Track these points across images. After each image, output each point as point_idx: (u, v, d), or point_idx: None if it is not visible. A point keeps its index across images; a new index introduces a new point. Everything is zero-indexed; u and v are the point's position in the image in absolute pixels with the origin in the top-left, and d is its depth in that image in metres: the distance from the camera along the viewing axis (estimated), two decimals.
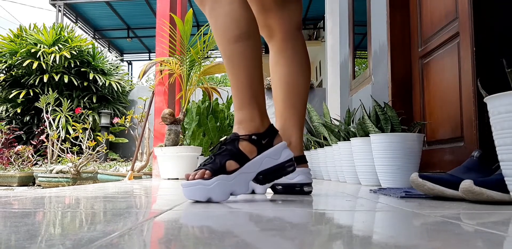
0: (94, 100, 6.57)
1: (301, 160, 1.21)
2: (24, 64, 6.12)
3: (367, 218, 0.69)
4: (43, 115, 5.10)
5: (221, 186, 0.90)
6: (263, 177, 0.98)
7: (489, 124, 0.92)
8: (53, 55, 6.19)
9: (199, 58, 3.31)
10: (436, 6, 2.04)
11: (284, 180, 1.17)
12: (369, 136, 1.77)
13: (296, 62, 1.26)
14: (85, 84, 6.54)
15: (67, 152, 4.36)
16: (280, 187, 1.19)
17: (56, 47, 6.33)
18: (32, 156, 4.97)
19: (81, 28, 9.48)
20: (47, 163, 4.58)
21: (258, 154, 0.97)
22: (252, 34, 1.02)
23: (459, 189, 0.92)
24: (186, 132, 3.54)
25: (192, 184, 0.91)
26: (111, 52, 10.25)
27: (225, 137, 1.04)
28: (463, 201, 0.97)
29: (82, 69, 6.52)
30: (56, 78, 6.22)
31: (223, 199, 0.92)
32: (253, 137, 0.97)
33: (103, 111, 6.49)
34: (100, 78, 6.58)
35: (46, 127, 4.89)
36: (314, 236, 0.50)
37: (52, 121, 5.11)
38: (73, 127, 5.04)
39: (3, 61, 6.41)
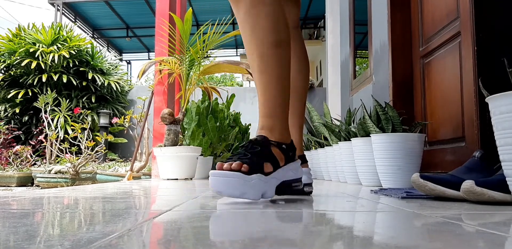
0: (93, 100, 6.56)
1: (301, 160, 1.21)
2: (23, 64, 6.11)
3: (368, 219, 0.68)
4: (41, 115, 5.09)
5: (259, 185, 0.84)
6: (279, 187, 0.96)
7: (490, 124, 0.92)
8: (51, 54, 6.18)
9: (198, 57, 3.31)
10: (437, 5, 2.04)
11: None
12: (370, 136, 1.76)
13: (294, 59, 1.23)
14: (84, 83, 6.53)
15: (66, 152, 4.35)
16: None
17: (55, 47, 6.32)
18: (31, 156, 4.96)
19: (80, 27, 9.47)
20: (45, 163, 4.58)
21: (285, 163, 0.96)
22: (289, 40, 1.00)
23: (461, 189, 0.91)
24: (186, 132, 3.54)
25: (230, 175, 0.81)
26: (110, 52, 10.25)
27: (255, 137, 0.98)
28: (464, 201, 0.96)
29: (81, 69, 6.52)
30: (55, 77, 6.21)
31: (255, 199, 0.86)
32: (283, 146, 0.96)
33: (102, 111, 6.48)
34: (99, 78, 6.57)
35: (44, 127, 4.88)
36: (315, 236, 0.49)
37: (50, 121, 5.11)
38: (72, 127, 5.04)
39: (1, 61, 6.41)
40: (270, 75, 0.98)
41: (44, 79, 6.19)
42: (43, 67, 6.21)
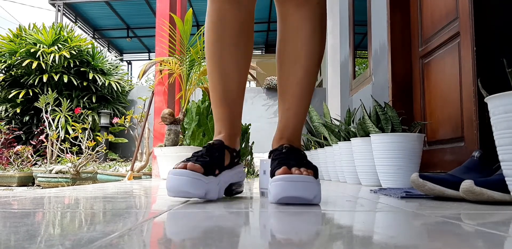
0: (94, 100, 6.57)
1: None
2: (24, 64, 6.12)
3: (367, 219, 0.68)
4: (42, 115, 5.10)
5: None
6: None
7: (489, 124, 0.92)
8: (52, 55, 6.19)
9: (199, 57, 3.31)
10: (437, 6, 2.04)
11: None
12: (370, 136, 1.76)
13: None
14: (85, 84, 6.54)
15: (67, 152, 4.35)
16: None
17: (56, 47, 6.33)
18: (32, 156, 4.96)
19: (80, 27, 9.48)
20: (46, 163, 4.58)
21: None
22: None
23: (460, 189, 0.92)
24: (186, 132, 3.54)
25: (308, 179, 0.81)
26: (110, 52, 10.25)
27: (289, 144, 0.96)
28: (463, 201, 0.96)
29: (81, 69, 6.52)
30: (56, 78, 6.22)
31: (318, 202, 0.87)
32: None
33: (102, 111, 6.49)
34: (99, 78, 6.58)
35: (45, 127, 4.89)
36: (314, 236, 0.50)
37: (51, 121, 5.11)
38: (73, 127, 5.04)
39: (2, 61, 6.41)
40: (310, 85, 0.97)
41: (45, 79, 6.19)
42: (44, 67, 6.22)
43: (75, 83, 6.37)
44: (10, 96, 6.29)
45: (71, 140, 4.42)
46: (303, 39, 0.96)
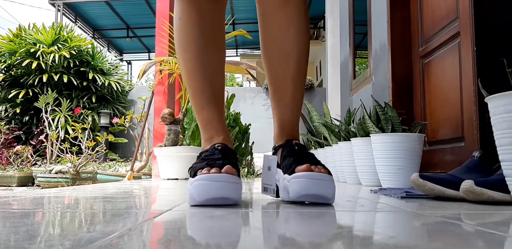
0: (94, 100, 6.57)
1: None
2: (23, 64, 6.12)
3: (368, 219, 0.68)
4: (42, 115, 5.10)
5: None
6: None
7: (490, 124, 0.92)
8: (52, 54, 6.19)
9: None
10: (437, 6, 2.04)
11: None
12: (370, 136, 1.76)
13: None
14: (85, 84, 6.54)
15: (67, 152, 4.35)
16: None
17: (56, 47, 6.33)
18: (32, 156, 4.96)
19: (80, 27, 9.48)
20: (46, 163, 4.58)
21: None
22: None
23: (460, 189, 0.92)
24: (186, 132, 3.54)
25: (328, 177, 0.80)
26: (110, 52, 10.25)
27: (296, 142, 0.95)
28: (464, 201, 0.96)
29: (81, 69, 6.52)
30: (56, 78, 6.22)
31: (333, 202, 0.86)
32: None
33: (102, 111, 6.49)
34: (99, 78, 6.58)
35: (45, 127, 4.89)
36: (314, 236, 0.50)
37: (51, 121, 5.11)
38: (73, 127, 5.04)
39: (2, 61, 6.41)
40: (302, 80, 0.98)
41: (44, 79, 6.19)
42: (44, 67, 6.22)
43: (75, 83, 6.38)
44: (10, 96, 6.29)
45: (71, 140, 4.42)
46: (291, 36, 0.97)
